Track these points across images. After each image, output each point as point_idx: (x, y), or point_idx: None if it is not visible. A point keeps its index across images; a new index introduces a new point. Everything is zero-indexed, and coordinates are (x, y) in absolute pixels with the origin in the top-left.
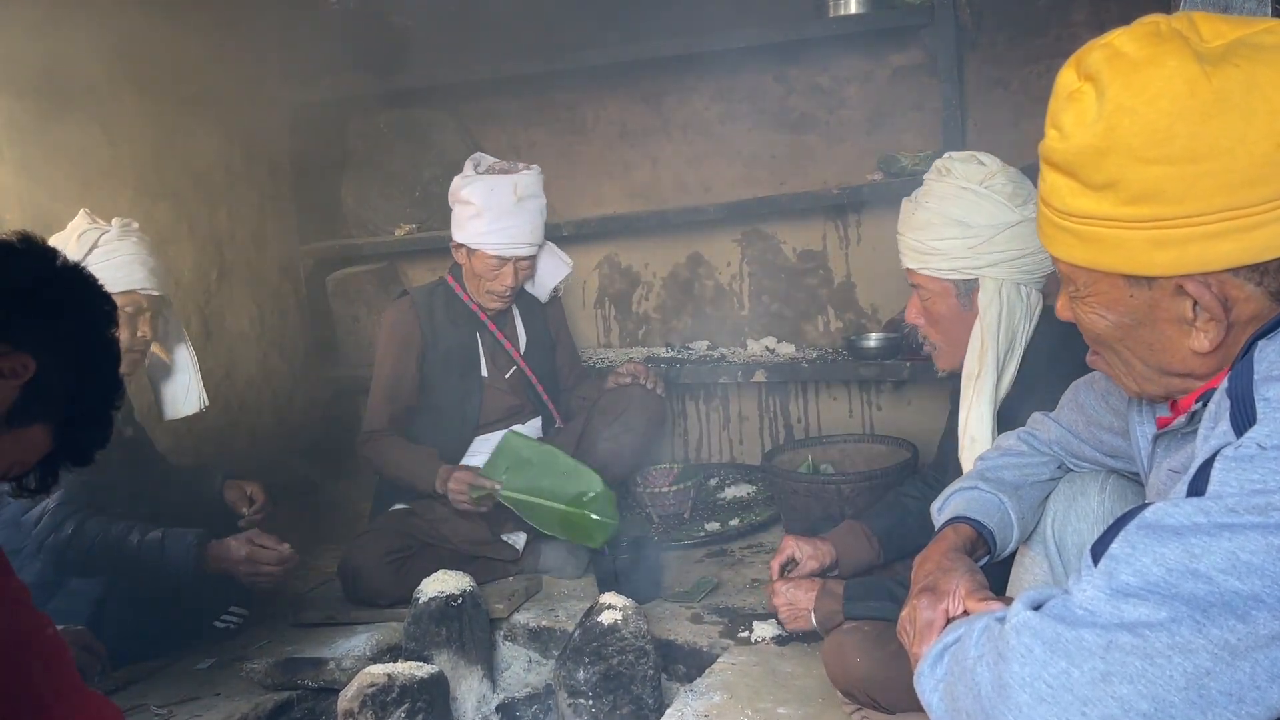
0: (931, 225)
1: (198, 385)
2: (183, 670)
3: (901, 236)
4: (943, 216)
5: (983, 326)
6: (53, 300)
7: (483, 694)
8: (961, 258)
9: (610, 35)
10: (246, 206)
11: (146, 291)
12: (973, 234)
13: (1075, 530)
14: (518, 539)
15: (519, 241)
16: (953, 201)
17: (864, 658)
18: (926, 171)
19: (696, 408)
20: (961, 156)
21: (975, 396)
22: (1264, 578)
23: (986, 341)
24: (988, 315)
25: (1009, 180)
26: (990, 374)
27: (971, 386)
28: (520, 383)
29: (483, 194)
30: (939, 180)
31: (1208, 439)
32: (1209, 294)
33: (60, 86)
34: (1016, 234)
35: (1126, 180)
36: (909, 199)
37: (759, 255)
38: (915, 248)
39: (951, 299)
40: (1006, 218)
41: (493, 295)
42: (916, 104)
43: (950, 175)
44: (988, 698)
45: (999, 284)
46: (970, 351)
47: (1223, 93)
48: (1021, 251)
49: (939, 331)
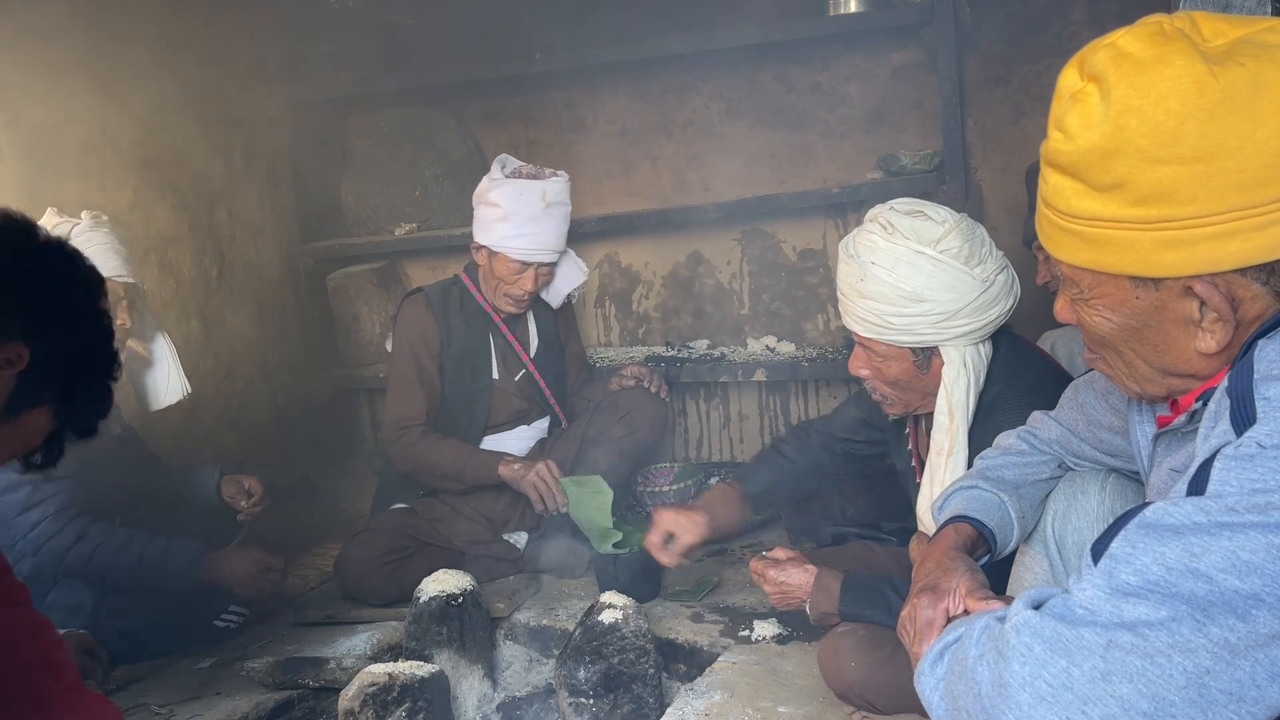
0: (886, 299)
1: (178, 373)
2: (183, 669)
3: (847, 300)
4: (897, 290)
5: (951, 403)
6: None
7: (483, 693)
8: (923, 333)
9: (610, 34)
10: (246, 206)
11: (122, 279)
12: (937, 310)
13: (1075, 529)
14: (519, 538)
15: (544, 248)
16: (906, 269)
17: (858, 661)
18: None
19: (697, 406)
20: (906, 208)
21: (947, 474)
22: (1264, 577)
23: (956, 418)
24: (956, 390)
25: (963, 239)
26: (962, 450)
27: (943, 463)
28: (529, 385)
29: (511, 198)
30: (885, 238)
31: (1208, 438)
32: (1217, 294)
33: (61, 86)
34: (979, 305)
35: (1135, 181)
36: (849, 255)
37: (759, 254)
38: (867, 319)
39: (907, 363)
40: (967, 287)
41: (510, 299)
42: (916, 102)
43: (898, 234)
44: (988, 696)
45: (963, 353)
46: (938, 428)
47: (1230, 92)
48: (984, 320)
49: (893, 389)
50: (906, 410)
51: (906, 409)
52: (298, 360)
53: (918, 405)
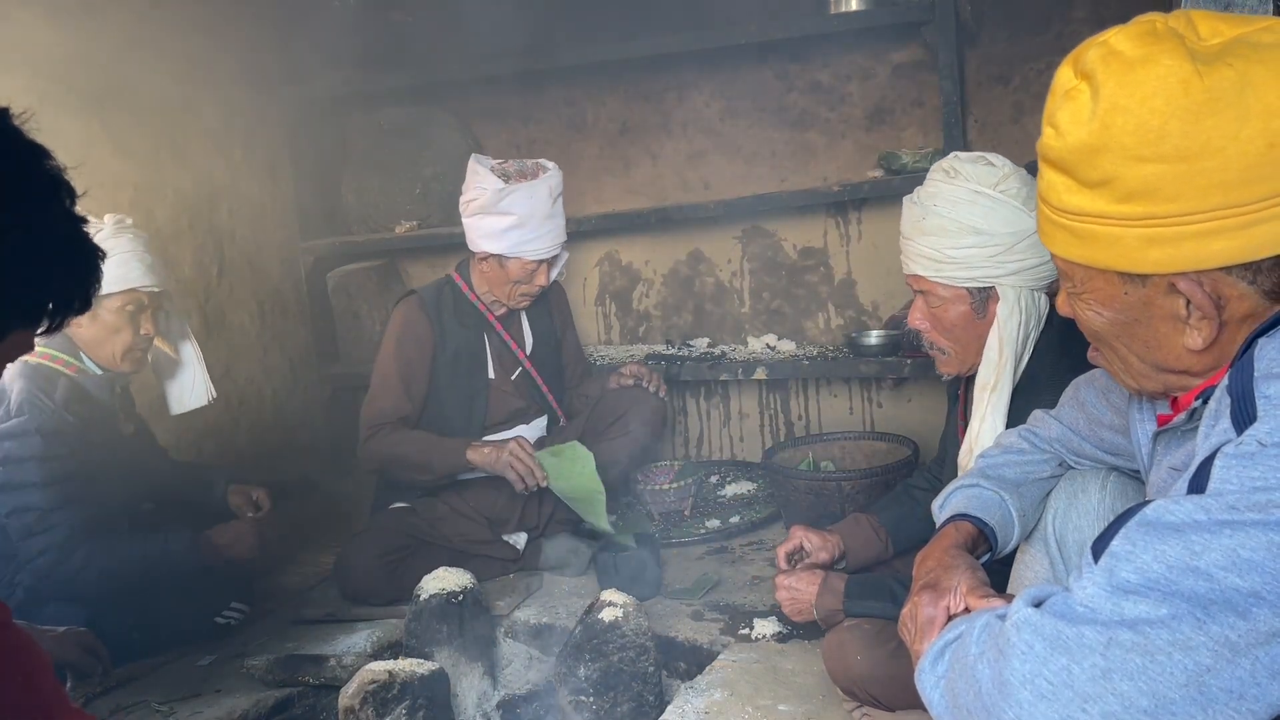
0: (946, 232)
1: (204, 379)
2: (184, 667)
3: (909, 242)
4: (957, 223)
5: (1001, 339)
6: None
7: (484, 691)
8: (981, 267)
9: (611, 32)
10: (247, 203)
11: (147, 288)
12: (994, 242)
13: (1076, 528)
14: (518, 539)
15: (556, 243)
16: (966, 206)
17: (864, 655)
18: (928, 169)
19: (697, 405)
20: (969, 157)
21: (990, 409)
22: (1264, 575)
23: (1005, 354)
24: (1008, 326)
25: (1023, 183)
26: (1007, 386)
27: (986, 399)
28: (526, 384)
29: (523, 203)
30: (947, 182)
31: (1208, 436)
32: (1201, 292)
33: (61, 84)
34: (1035, 242)
35: (1120, 178)
36: (911, 201)
37: (759, 252)
38: (929, 255)
39: (965, 306)
40: (1025, 225)
41: (527, 296)
42: (917, 100)
43: (960, 177)
44: (988, 694)
45: (1019, 293)
46: (986, 363)
47: (1216, 92)
48: (1040, 259)
49: (951, 339)
50: (962, 368)
51: (963, 365)
52: (298, 358)
53: (973, 361)
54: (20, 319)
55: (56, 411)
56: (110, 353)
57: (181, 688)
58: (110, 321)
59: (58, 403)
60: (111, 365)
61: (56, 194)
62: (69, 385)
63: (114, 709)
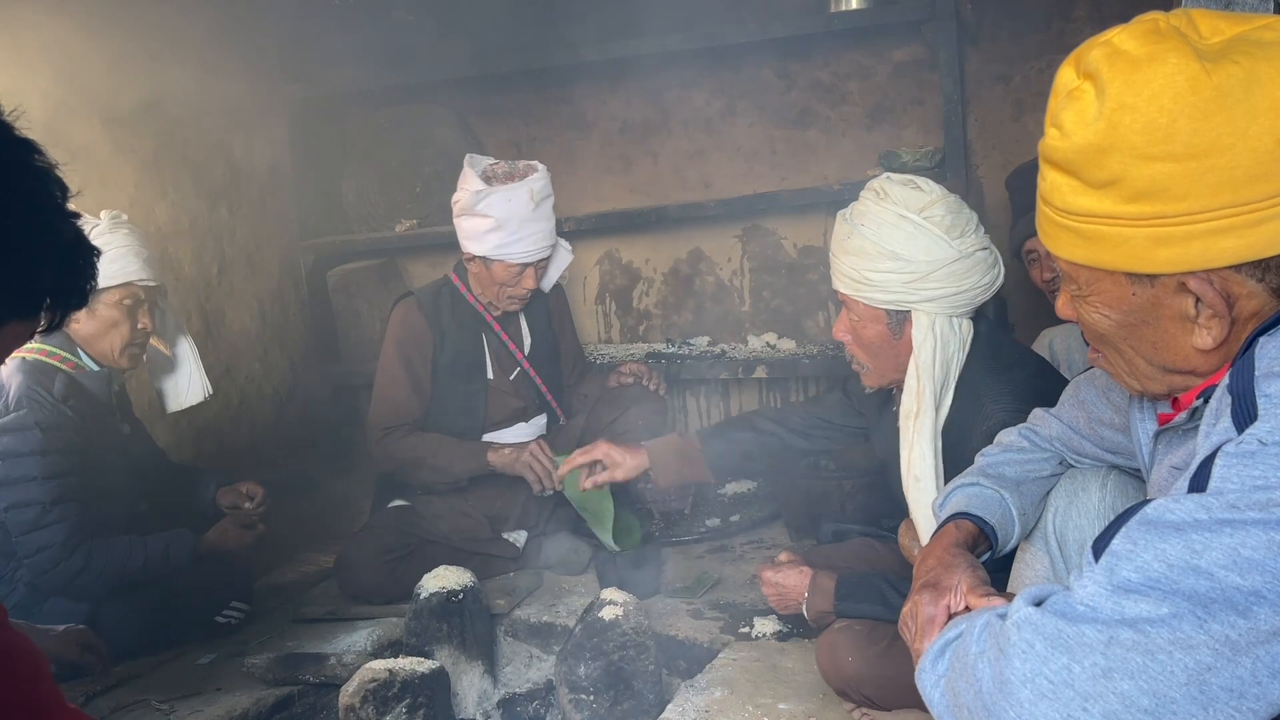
0: (867, 254)
1: (200, 375)
2: (184, 665)
3: (835, 259)
4: (878, 247)
5: (918, 365)
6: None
7: (484, 689)
8: (896, 291)
9: (611, 31)
10: (247, 202)
11: (143, 283)
12: (909, 269)
13: (1076, 526)
14: (519, 537)
15: (542, 245)
16: (890, 230)
17: (856, 656)
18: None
19: (697, 403)
20: (900, 179)
21: (916, 435)
22: (1265, 573)
23: (923, 380)
24: (922, 353)
25: (948, 211)
26: (929, 412)
27: (911, 425)
28: (525, 384)
29: (500, 206)
30: (876, 203)
31: (1209, 435)
32: (1212, 291)
33: (62, 82)
34: (952, 272)
35: (1128, 178)
36: (843, 217)
37: (760, 251)
38: (850, 275)
39: (882, 326)
40: (943, 254)
41: (514, 300)
42: (917, 99)
43: (888, 200)
44: (989, 693)
45: (932, 319)
46: (907, 391)
47: (1224, 89)
48: (956, 289)
49: (867, 355)
50: (881, 382)
51: (881, 380)
52: (298, 357)
53: (891, 377)
54: (13, 311)
55: (55, 405)
56: (108, 347)
57: (181, 686)
58: (108, 316)
59: (56, 396)
60: (109, 361)
61: (47, 189)
62: (66, 380)
63: (114, 708)
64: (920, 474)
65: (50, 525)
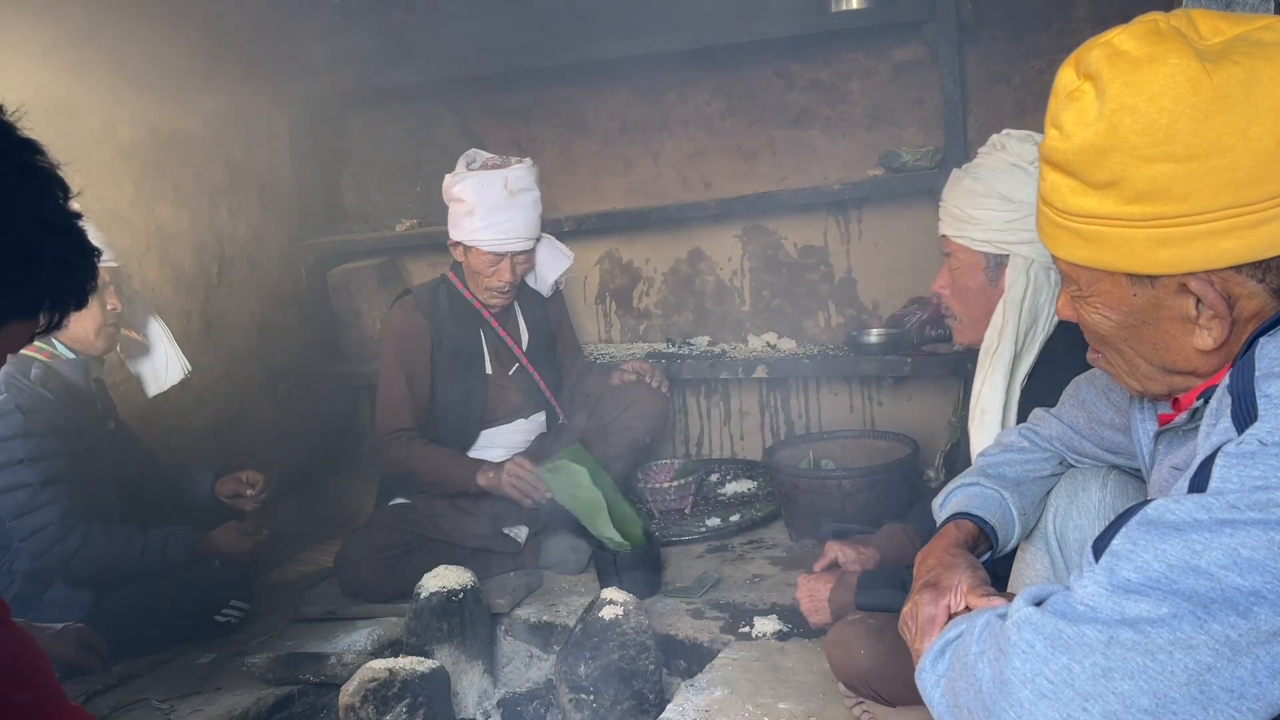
0: (974, 194)
1: (175, 353)
2: (184, 665)
3: (943, 203)
4: (987, 187)
5: (1006, 302)
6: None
7: (484, 689)
8: (996, 230)
9: (611, 30)
10: (247, 202)
11: (106, 264)
12: (1012, 208)
13: (1077, 526)
14: (520, 532)
15: (513, 236)
16: (1000, 175)
17: (867, 650)
18: (929, 168)
19: (697, 403)
20: (1019, 134)
21: (990, 370)
22: (1265, 574)
23: (1008, 317)
24: (1013, 291)
25: None
26: (1008, 349)
27: (988, 360)
28: (524, 380)
29: (474, 190)
30: (991, 154)
31: (1209, 435)
32: (1212, 292)
33: (61, 81)
34: None
35: (1129, 179)
36: (959, 169)
37: (760, 251)
38: (954, 214)
39: (980, 273)
40: None
41: (492, 292)
42: (918, 99)
43: (1003, 151)
44: (989, 694)
45: (1028, 263)
46: (991, 326)
47: (1224, 90)
48: None
49: (963, 304)
50: (974, 336)
51: (974, 334)
52: (298, 356)
53: (982, 332)
54: (14, 311)
55: (34, 389)
56: (82, 331)
57: (181, 685)
58: None
59: (34, 381)
60: (86, 345)
61: (49, 189)
62: (43, 368)
63: (114, 707)
64: (988, 408)
65: (44, 506)
